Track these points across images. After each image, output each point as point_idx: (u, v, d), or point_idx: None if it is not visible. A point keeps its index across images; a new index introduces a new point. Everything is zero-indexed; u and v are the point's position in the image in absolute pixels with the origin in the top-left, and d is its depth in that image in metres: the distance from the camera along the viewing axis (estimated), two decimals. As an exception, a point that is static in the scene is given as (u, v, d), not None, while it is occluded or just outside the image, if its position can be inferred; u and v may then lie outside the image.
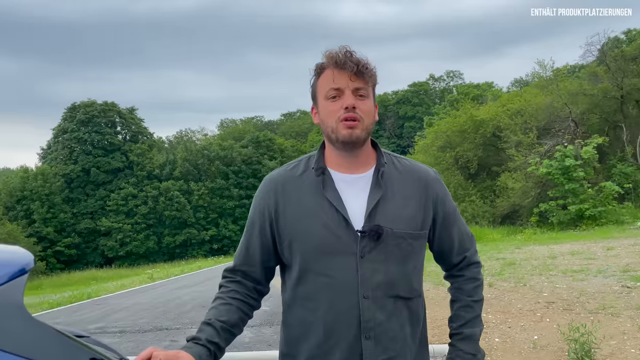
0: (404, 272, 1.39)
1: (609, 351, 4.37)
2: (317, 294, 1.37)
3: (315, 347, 1.37)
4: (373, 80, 1.41)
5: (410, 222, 1.40)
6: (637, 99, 23.51)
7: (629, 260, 9.29)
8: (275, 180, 1.47)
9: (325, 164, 1.45)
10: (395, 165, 1.47)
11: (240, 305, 1.43)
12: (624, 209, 19.57)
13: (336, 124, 1.37)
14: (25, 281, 0.77)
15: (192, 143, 62.24)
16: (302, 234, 1.39)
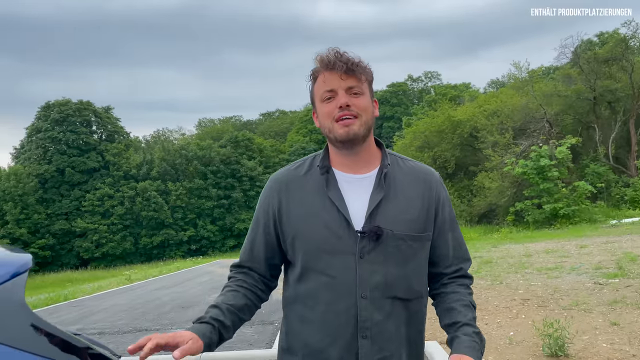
0: (403, 274, 1.39)
1: (581, 346, 4.50)
2: (317, 292, 1.39)
3: (314, 344, 1.40)
4: (367, 77, 1.41)
5: (411, 224, 1.40)
6: (609, 101, 24.15)
7: (601, 258, 9.55)
8: (280, 179, 1.49)
9: (330, 164, 1.46)
10: (400, 166, 1.47)
11: (247, 293, 1.45)
12: (596, 207, 20.08)
13: (332, 124, 1.38)
14: (25, 279, 0.80)
15: (169, 143, 61.59)
16: (304, 233, 1.41)
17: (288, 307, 1.48)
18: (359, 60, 1.39)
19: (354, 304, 1.35)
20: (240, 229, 49.78)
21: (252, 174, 52.93)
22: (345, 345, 1.36)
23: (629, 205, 20.34)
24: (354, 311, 1.35)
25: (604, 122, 24.23)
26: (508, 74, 32.88)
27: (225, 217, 51.00)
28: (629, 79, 22.56)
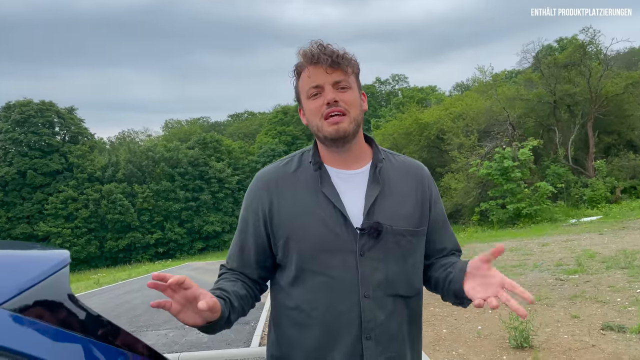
0: (404, 270, 1.34)
1: (544, 337, 4.78)
2: (315, 294, 1.31)
3: (313, 350, 1.31)
4: (354, 69, 1.34)
5: (408, 219, 1.35)
6: (568, 104, 25.05)
7: (562, 255, 9.98)
8: (268, 177, 1.40)
9: (321, 160, 1.39)
10: (391, 161, 1.43)
11: (244, 285, 1.37)
12: (557, 207, 20.81)
13: (320, 122, 1.31)
14: (68, 272, 0.91)
15: (135, 144, 60.50)
16: (298, 232, 1.32)
17: (281, 313, 1.37)
18: (344, 52, 1.32)
19: (356, 304, 1.28)
20: (208, 231, 49.37)
21: (220, 176, 52.48)
22: (348, 348, 1.28)
23: (588, 204, 21.13)
24: (357, 311, 1.28)
25: (563, 124, 25.11)
26: (473, 78, 33.79)
27: (193, 219, 50.43)
28: (587, 84, 23.46)
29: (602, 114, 24.24)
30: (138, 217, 48.82)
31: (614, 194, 21.56)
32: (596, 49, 25.30)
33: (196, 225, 49.90)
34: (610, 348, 4.34)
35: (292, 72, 1.37)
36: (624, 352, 4.23)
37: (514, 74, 36.60)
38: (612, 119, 24.77)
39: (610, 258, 8.78)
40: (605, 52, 24.59)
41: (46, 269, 0.84)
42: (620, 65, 25.72)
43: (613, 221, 15.98)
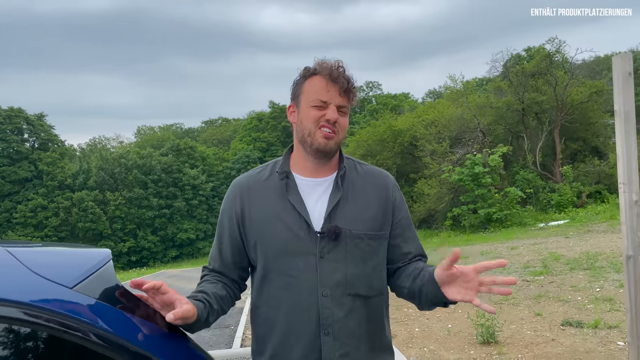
0: (363, 271, 1.42)
1: (509, 333, 5.08)
2: (279, 293, 1.41)
3: (278, 344, 1.41)
4: (354, 100, 1.48)
5: (368, 223, 1.45)
6: (536, 112, 25.82)
7: (529, 257, 10.39)
8: (241, 184, 1.52)
9: (289, 169, 1.50)
10: (357, 169, 1.53)
11: (225, 287, 1.49)
12: (526, 212, 21.41)
13: (315, 129, 1.42)
14: (112, 265, 1.12)
15: (107, 151, 59.65)
16: (266, 236, 1.43)
17: (254, 311, 1.49)
18: (354, 82, 1.46)
19: (315, 303, 1.38)
20: (182, 239, 48.94)
21: (194, 183, 52.08)
22: (308, 343, 1.38)
23: (555, 209, 21.81)
24: (316, 309, 1.38)
25: (531, 131, 25.85)
26: (445, 86, 34.46)
27: (167, 227, 49.91)
28: (553, 92, 24.26)
29: (568, 121, 25.08)
30: (110, 225, 48.10)
31: (580, 199, 22.31)
32: (562, 58, 26.21)
33: (170, 233, 49.40)
34: (568, 342, 4.66)
35: (303, 70, 1.46)
36: (580, 345, 4.55)
37: (485, 81, 37.50)
38: (578, 126, 25.65)
39: (574, 260, 9.21)
40: (571, 62, 25.50)
41: (99, 262, 1.05)
42: (585, 74, 26.67)
43: (579, 225, 16.57)
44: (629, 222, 3.63)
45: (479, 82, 38.50)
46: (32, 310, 0.89)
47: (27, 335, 0.90)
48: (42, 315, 0.89)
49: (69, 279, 0.98)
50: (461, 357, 4.57)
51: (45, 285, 0.94)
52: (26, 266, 0.95)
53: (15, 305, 0.88)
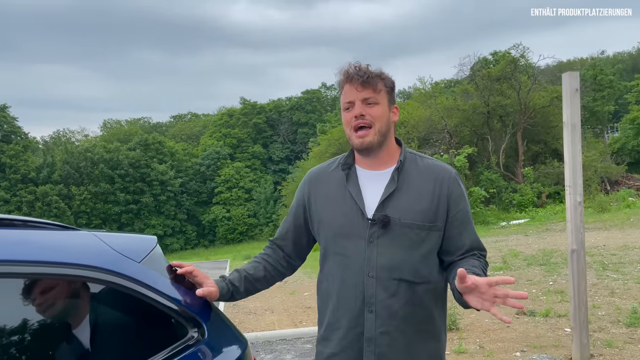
0: (409, 258, 1.52)
1: (469, 321, 5.55)
2: (334, 271, 1.59)
3: (332, 315, 1.58)
4: (385, 87, 1.56)
5: (419, 214, 1.54)
6: (501, 115, 26.75)
7: (491, 254, 10.96)
8: (312, 173, 1.73)
9: (354, 161, 1.66)
10: (417, 163, 1.62)
11: (267, 266, 1.70)
12: (489, 211, 22.21)
13: (350, 132, 1.57)
14: (159, 248, 1.45)
15: (72, 144, 58.38)
16: (326, 219, 1.62)
17: (318, 285, 1.68)
18: (378, 72, 1.55)
19: (361, 282, 1.52)
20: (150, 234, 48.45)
21: (163, 178, 51.52)
22: (354, 318, 1.53)
23: (517, 208, 22.70)
24: (362, 288, 1.51)
25: (496, 134, 26.76)
26: (414, 87, 35.25)
27: (134, 222, 49.33)
28: (517, 96, 25.22)
29: (531, 124, 26.09)
30: (75, 220, 47.18)
31: (540, 199, 23.30)
32: (526, 63, 27.21)
33: (137, 229, 48.77)
34: (522, 328, 5.15)
35: (338, 87, 1.61)
36: (532, 331, 5.05)
37: (453, 83, 38.38)
38: (539, 129, 26.71)
39: (532, 256, 9.82)
40: (535, 66, 26.53)
41: (151, 245, 1.38)
42: (547, 79, 27.75)
43: (538, 224, 17.38)
44: (573, 220, 4.13)
45: (447, 84, 39.41)
46: (115, 276, 1.21)
47: (112, 292, 1.23)
48: (121, 279, 1.22)
49: (136, 255, 1.31)
50: (426, 343, 5.00)
51: (122, 259, 1.26)
52: (109, 246, 1.27)
53: (104, 272, 1.20)
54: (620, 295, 6.14)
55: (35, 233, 1.20)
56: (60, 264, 1.12)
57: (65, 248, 1.18)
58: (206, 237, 51.94)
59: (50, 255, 1.13)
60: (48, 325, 1.14)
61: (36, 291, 1.10)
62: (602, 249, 9.75)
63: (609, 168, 25.69)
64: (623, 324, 4.99)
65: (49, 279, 1.11)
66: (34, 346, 1.09)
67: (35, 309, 1.11)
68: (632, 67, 57.95)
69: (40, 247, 1.14)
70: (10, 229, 1.17)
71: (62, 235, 1.25)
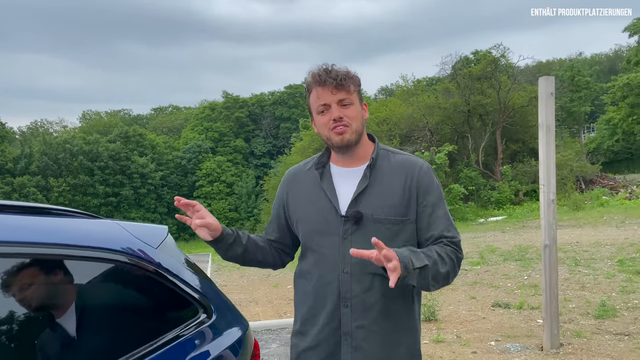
0: None
1: (447, 313, 5.78)
2: (311, 267, 1.62)
3: (308, 312, 1.61)
4: (355, 86, 1.58)
5: (391, 209, 1.56)
6: (481, 114, 27.19)
7: (469, 250, 11.24)
8: (290, 172, 1.77)
9: (329, 160, 1.69)
10: (390, 159, 1.64)
11: (266, 243, 1.74)
12: (468, 208, 22.61)
13: (328, 132, 1.58)
14: (171, 237, 1.59)
15: (50, 135, 57.49)
16: (302, 218, 1.65)
17: (295, 281, 1.71)
18: (347, 72, 1.57)
19: (337, 278, 1.55)
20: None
21: (143, 171, 51.08)
22: (330, 312, 1.56)
23: (494, 206, 23.16)
24: (337, 284, 1.55)
25: (475, 132, 27.19)
26: (397, 85, 35.54)
27: (113, 215, 48.76)
28: (497, 95, 25.68)
29: (509, 123, 26.58)
30: (53, 212, 46.59)
31: (517, 197, 23.80)
32: (506, 62, 27.68)
33: (117, 222, 48.35)
34: (497, 319, 5.40)
35: (305, 89, 1.64)
36: (506, 322, 5.30)
37: (435, 81, 38.82)
38: (518, 128, 27.23)
39: (508, 252, 10.13)
40: (515, 66, 27.00)
41: (164, 233, 1.53)
42: (526, 79, 28.27)
43: (515, 221, 17.78)
44: (546, 217, 4.37)
45: (429, 81, 39.84)
46: (137, 259, 1.36)
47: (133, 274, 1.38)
48: (142, 262, 1.37)
49: (153, 242, 1.45)
50: (406, 333, 5.21)
51: (142, 245, 1.40)
52: (130, 233, 1.42)
53: (128, 255, 1.35)
54: (591, 289, 6.44)
55: (73, 221, 1.34)
56: (95, 249, 1.27)
57: (98, 234, 1.33)
58: (187, 230, 51.62)
59: (88, 240, 1.28)
60: (84, 298, 1.29)
61: (74, 270, 1.24)
62: (575, 245, 10.10)
63: (584, 167, 26.31)
64: (592, 316, 5.27)
65: (85, 261, 1.25)
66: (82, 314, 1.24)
67: (75, 286, 1.25)
68: (609, 68, 59.24)
69: (79, 233, 1.28)
70: (51, 216, 1.31)
71: (93, 224, 1.39)
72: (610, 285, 6.57)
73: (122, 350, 1.25)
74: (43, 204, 1.35)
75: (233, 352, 1.51)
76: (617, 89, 36.68)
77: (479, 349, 4.53)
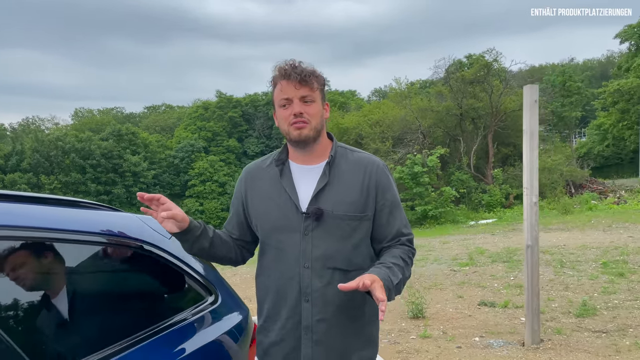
0: (342, 248, 1.58)
1: (434, 310, 5.98)
2: (271, 264, 1.64)
3: (271, 307, 1.63)
4: (319, 85, 1.60)
5: (350, 206, 1.59)
6: (473, 117, 27.48)
7: (458, 251, 11.46)
8: (248, 169, 1.76)
9: (288, 157, 1.70)
10: (347, 157, 1.67)
11: (229, 239, 1.73)
12: (459, 210, 22.86)
13: (288, 127, 1.59)
14: None
15: (42, 132, 57.26)
16: (262, 214, 1.65)
17: (256, 278, 1.72)
18: (312, 70, 1.58)
19: (297, 273, 1.57)
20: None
21: (135, 170, 51.04)
22: (292, 307, 1.58)
23: (485, 208, 23.41)
24: (298, 279, 1.57)
25: (467, 135, 27.47)
26: (390, 87, 35.81)
27: (105, 213, 48.68)
28: (489, 99, 25.98)
29: (501, 127, 26.88)
30: (45, 209, 46.39)
31: (508, 200, 24.09)
32: (499, 66, 28.00)
33: (108, 220, 48.20)
34: (482, 317, 5.60)
35: (269, 82, 1.64)
36: (491, 319, 5.50)
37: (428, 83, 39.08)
38: (509, 132, 27.52)
39: (496, 254, 10.34)
40: (508, 71, 27.33)
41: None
42: (519, 83, 28.58)
43: (505, 223, 18.01)
44: (529, 219, 4.58)
45: (422, 84, 40.12)
46: (154, 247, 1.53)
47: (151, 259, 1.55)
48: (159, 250, 1.54)
49: (166, 233, 1.62)
50: (394, 328, 5.39)
51: (158, 236, 1.58)
52: (147, 224, 1.59)
53: (148, 244, 1.53)
54: (574, 290, 6.66)
55: (103, 214, 1.51)
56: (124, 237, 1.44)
57: (124, 225, 1.50)
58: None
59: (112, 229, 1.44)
60: (111, 280, 1.46)
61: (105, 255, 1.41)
62: (562, 248, 10.34)
63: (574, 172, 26.65)
64: (573, 315, 5.48)
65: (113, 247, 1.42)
66: (111, 293, 1.40)
67: (106, 269, 1.42)
68: (600, 74, 59.89)
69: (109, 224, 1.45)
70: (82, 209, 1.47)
71: (119, 216, 1.56)
72: (592, 286, 6.79)
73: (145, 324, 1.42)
74: (74, 198, 1.51)
75: (238, 331, 1.68)
76: (608, 95, 37.16)
77: (464, 344, 4.73)
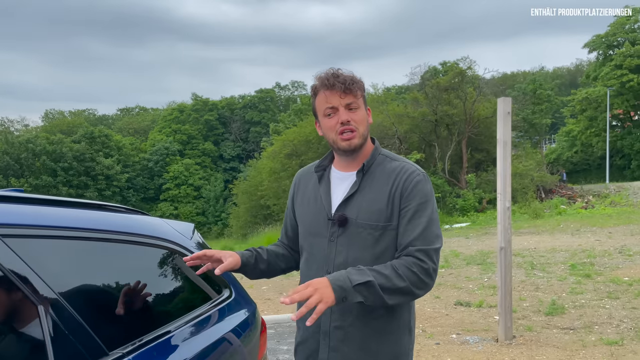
0: (363, 257, 1.55)
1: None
2: (304, 266, 1.69)
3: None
4: (361, 91, 1.60)
5: (375, 214, 1.57)
6: (447, 123, 28.06)
7: (434, 254, 11.82)
8: (298, 174, 1.83)
9: (330, 163, 1.72)
10: (384, 165, 1.64)
11: (285, 249, 1.80)
12: (434, 214, 23.35)
13: (335, 136, 1.59)
14: (197, 231, 1.95)
15: (12, 134, 56.01)
16: (301, 218, 1.72)
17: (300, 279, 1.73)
18: (353, 76, 1.59)
19: None
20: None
21: (108, 173, 50.30)
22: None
23: (459, 213, 23.94)
24: None
25: (442, 141, 28.02)
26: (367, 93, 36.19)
27: (78, 217, 47.81)
28: (463, 106, 26.61)
29: (474, 133, 27.52)
30: (14, 213, 45.34)
31: (481, 204, 24.69)
32: (473, 74, 28.70)
33: (81, 224, 47.35)
34: (458, 316, 5.89)
35: (310, 92, 1.65)
36: (467, 318, 5.80)
37: (404, 89, 39.73)
38: (482, 138, 28.20)
39: (470, 256, 10.71)
40: (481, 78, 28.03)
41: (193, 228, 1.89)
42: (492, 90, 29.36)
43: (479, 227, 18.52)
44: (502, 222, 4.88)
45: (398, 90, 40.76)
46: (179, 247, 1.72)
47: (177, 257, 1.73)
48: (183, 249, 1.73)
49: (187, 234, 1.81)
50: (376, 328, 5.64)
51: (181, 236, 1.77)
52: (171, 226, 1.78)
53: (174, 244, 1.71)
54: (544, 290, 7.02)
55: (136, 217, 1.69)
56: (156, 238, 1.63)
57: (154, 227, 1.68)
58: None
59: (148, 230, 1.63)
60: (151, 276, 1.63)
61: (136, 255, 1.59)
62: (532, 251, 10.77)
63: (544, 177, 27.46)
64: (543, 313, 5.81)
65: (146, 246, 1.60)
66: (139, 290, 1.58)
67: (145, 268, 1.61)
68: (569, 82, 61.73)
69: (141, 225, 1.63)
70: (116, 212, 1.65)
71: (149, 220, 1.74)
72: (561, 286, 7.17)
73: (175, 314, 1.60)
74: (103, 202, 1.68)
75: (249, 322, 1.87)
76: (577, 103, 38.40)
77: (442, 341, 5.00)
